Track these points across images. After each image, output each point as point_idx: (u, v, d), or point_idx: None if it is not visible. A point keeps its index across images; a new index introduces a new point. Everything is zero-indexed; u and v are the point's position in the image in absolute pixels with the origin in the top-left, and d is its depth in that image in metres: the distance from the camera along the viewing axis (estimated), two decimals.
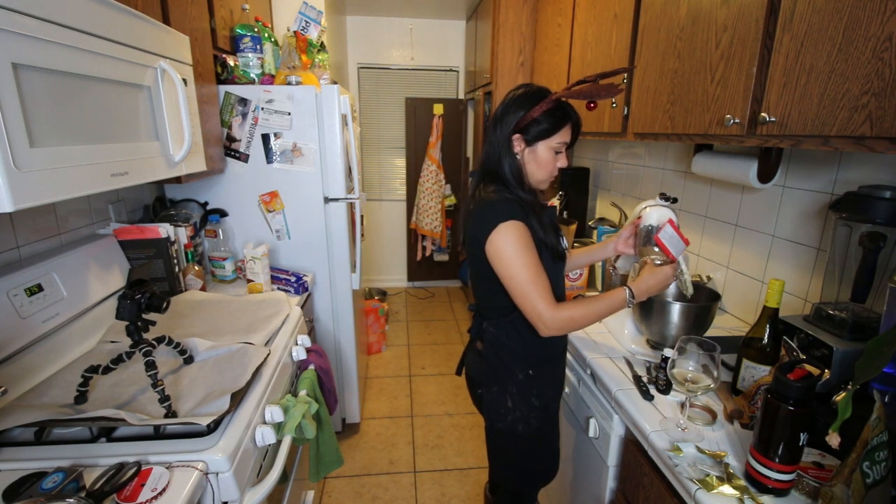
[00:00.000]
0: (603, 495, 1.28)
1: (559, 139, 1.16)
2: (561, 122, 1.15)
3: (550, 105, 1.13)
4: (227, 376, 1.15)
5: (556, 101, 1.14)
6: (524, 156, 1.18)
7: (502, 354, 1.24)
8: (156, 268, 1.67)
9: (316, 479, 1.49)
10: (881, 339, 0.76)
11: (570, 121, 1.17)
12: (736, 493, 0.86)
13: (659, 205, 1.35)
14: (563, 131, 1.16)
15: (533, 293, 1.10)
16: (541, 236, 1.15)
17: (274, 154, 2.02)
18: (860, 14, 0.81)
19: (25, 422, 0.92)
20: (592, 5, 1.91)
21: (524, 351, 1.23)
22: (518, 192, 1.17)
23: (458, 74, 4.29)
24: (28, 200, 0.80)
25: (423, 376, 3.09)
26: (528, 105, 1.15)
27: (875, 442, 0.75)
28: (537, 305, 1.10)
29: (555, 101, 1.14)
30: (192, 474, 0.88)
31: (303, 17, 2.22)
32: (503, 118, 1.17)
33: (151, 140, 1.19)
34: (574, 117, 1.18)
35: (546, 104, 1.13)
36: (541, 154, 1.17)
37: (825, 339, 1.03)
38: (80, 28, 0.92)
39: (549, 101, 1.13)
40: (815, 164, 1.30)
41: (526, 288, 1.11)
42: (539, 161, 1.18)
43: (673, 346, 1.24)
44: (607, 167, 2.55)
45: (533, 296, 1.10)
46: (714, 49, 1.18)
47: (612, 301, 1.15)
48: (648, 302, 1.32)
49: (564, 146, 1.18)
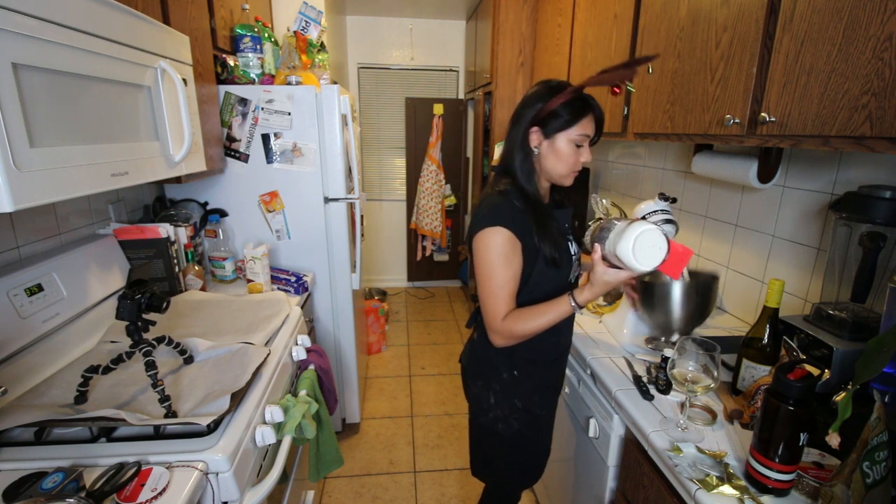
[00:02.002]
0: (603, 495, 1.28)
1: (579, 131, 1.12)
2: (580, 112, 1.11)
3: (570, 96, 1.10)
4: (227, 376, 1.15)
5: (576, 92, 1.11)
6: (542, 149, 1.15)
7: (490, 351, 1.23)
8: (156, 268, 1.67)
9: (316, 479, 1.49)
10: (881, 339, 0.76)
11: (592, 112, 1.13)
12: (736, 493, 0.86)
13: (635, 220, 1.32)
14: (583, 122, 1.12)
15: (489, 301, 1.12)
16: (532, 243, 1.13)
17: (274, 154, 2.02)
18: (860, 14, 0.81)
19: (25, 422, 0.92)
20: (592, 5, 1.91)
21: (511, 350, 1.21)
22: (527, 187, 1.15)
23: (458, 74, 4.29)
24: (28, 200, 0.80)
25: (423, 376, 3.09)
26: (546, 98, 1.12)
27: (875, 442, 0.75)
28: (488, 314, 1.13)
29: (574, 91, 1.11)
30: (192, 474, 0.88)
31: (303, 17, 2.22)
32: (521, 113, 1.15)
33: (151, 140, 1.19)
34: (597, 109, 1.14)
35: (565, 95, 1.10)
36: (560, 147, 1.13)
37: (825, 339, 1.03)
38: (80, 28, 0.92)
39: (568, 92, 1.10)
40: (815, 164, 1.30)
41: (486, 295, 1.13)
42: (559, 154, 1.14)
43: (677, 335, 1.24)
44: (607, 167, 2.55)
45: (488, 303, 1.13)
46: (714, 49, 1.18)
47: (559, 308, 1.11)
48: (649, 287, 1.27)
49: (587, 139, 1.14)
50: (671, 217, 1.44)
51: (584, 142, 1.14)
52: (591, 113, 1.13)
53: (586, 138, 1.13)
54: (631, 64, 1.10)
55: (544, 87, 1.15)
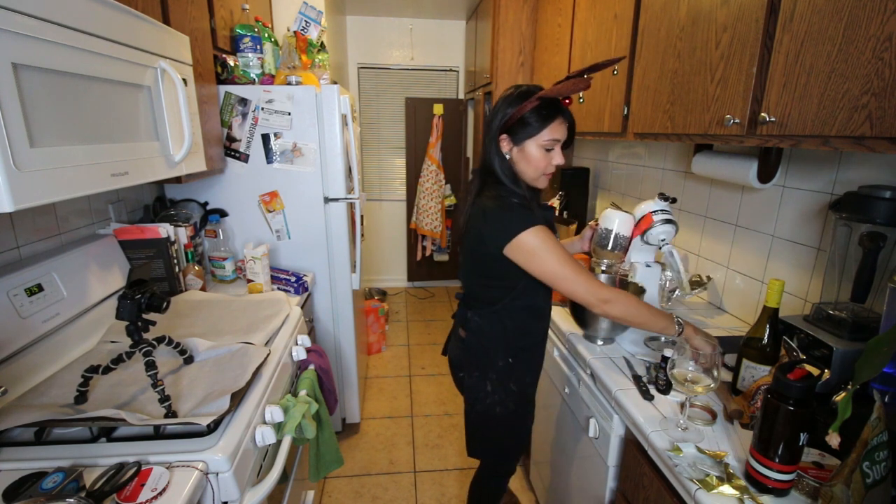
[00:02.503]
0: (603, 495, 1.28)
1: (549, 136, 1.16)
2: (548, 118, 1.15)
3: (536, 103, 1.14)
4: (227, 376, 1.15)
5: (543, 99, 1.14)
6: (513, 155, 1.21)
7: (485, 343, 1.31)
8: (156, 268, 1.67)
9: (316, 479, 1.49)
10: (881, 339, 0.76)
11: (562, 116, 1.17)
12: (736, 493, 0.86)
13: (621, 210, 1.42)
14: (552, 127, 1.15)
15: (580, 284, 1.14)
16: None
17: (274, 154, 2.02)
18: (860, 14, 0.81)
19: (25, 422, 0.92)
20: (592, 5, 1.91)
21: (505, 340, 1.29)
22: (515, 189, 1.20)
23: (458, 74, 4.29)
24: (28, 200, 0.80)
25: (423, 376, 3.09)
26: (514, 105, 1.16)
27: (875, 442, 0.75)
28: (589, 294, 1.14)
29: (540, 98, 1.14)
30: (192, 474, 0.88)
31: (303, 17, 2.22)
32: (491, 120, 1.20)
33: (151, 140, 1.19)
34: (566, 113, 1.18)
35: (531, 103, 1.14)
36: (529, 152, 1.18)
37: (825, 339, 1.03)
38: (80, 28, 0.92)
39: (534, 100, 1.14)
40: (815, 164, 1.30)
41: (573, 283, 1.14)
42: (528, 159, 1.19)
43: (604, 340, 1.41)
44: (607, 167, 2.55)
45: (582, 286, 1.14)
46: (714, 49, 1.18)
47: (663, 321, 1.17)
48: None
49: (557, 143, 1.18)
50: (671, 217, 1.44)
51: (555, 146, 1.17)
52: (561, 117, 1.16)
53: (556, 143, 1.17)
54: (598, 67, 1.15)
55: (513, 94, 1.18)
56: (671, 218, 1.44)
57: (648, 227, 1.43)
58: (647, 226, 1.44)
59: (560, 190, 2.61)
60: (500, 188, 1.21)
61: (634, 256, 1.53)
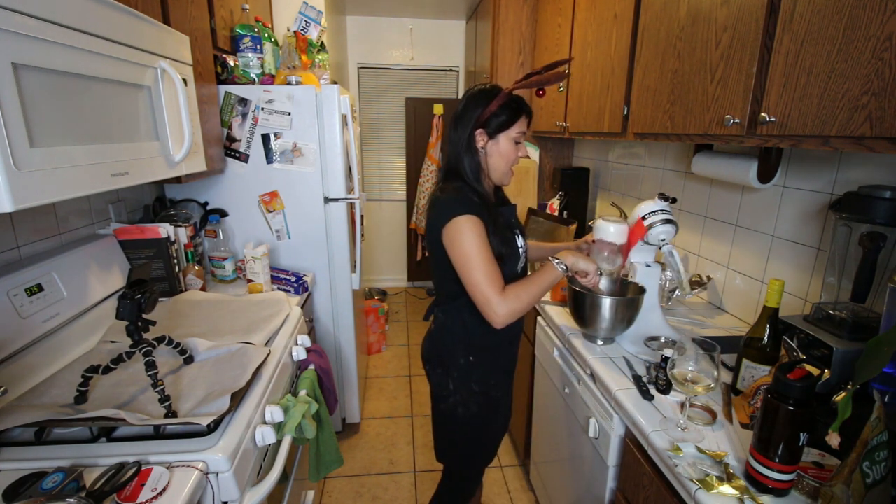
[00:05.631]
0: (603, 495, 1.28)
1: (517, 129, 1.25)
2: (517, 112, 1.24)
3: (505, 98, 1.22)
4: (227, 376, 1.15)
5: (510, 95, 1.23)
6: (488, 148, 1.26)
7: (446, 339, 1.33)
8: (156, 268, 1.67)
9: (316, 478, 1.49)
10: (881, 339, 0.76)
11: (525, 111, 1.26)
12: (736, 493, 0.86)
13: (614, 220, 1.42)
14: (520, 121, 1.25)
15: (482, 285, 1.15)
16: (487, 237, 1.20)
17: (274, 154, 2.02)
18: (860, 14, 0.81)
19: (25, 422, 0.92)
20: (592, 5, 1.91)
21: (466, 338, 1.30)
22: (476, 187, 1.25)
23: (458, 74, 4.29)
24: (28, 200, 0.80)
25: (423, 376, 3.09)
26: (485, 101, 1.23)
27: (875, 442, 0.75)
28: (484, 296, 1.15)
29: (508, 94, 1.23)
30: (192, 474, 0.88)
31: (303, 17, 2.22)
32: (463, 116, 1.25)
33: (151, 140, 1.19)
34: (526, 108, 1.27)
35: (501, 98, 1.22)
36: (503, 145, 1.25)
37: (825, 339, 1.03)
38: (80, 28, 0.92)
39: (503, 96, 1.22)
40: (815, 164, 1.30)
41: (476, 280, 1.15)
42: (502, 151, 1.26)
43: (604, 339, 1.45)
44: (607, 167, 2.55)
45: (481, 287, 1.15)
46: (714, 49, 1.18)
47: (549, 274, 1.21)
48: (580, 296, 1.41)
49: (523, 136, 1.27)
50: (671, 217, 1.44)
51: (521, 138, 1.27)
52: (523, 111, 1.25)
53: (523, 135, 1.27)
54: (551, 67, 1.26)
55: (481, 92, 1.25)
56: (671, 218, 1.44)
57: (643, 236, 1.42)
58: (642, 234, 1.42)
59: (560, 190, 2.61)
60: (462, 184, 1.25)
61: (634, 256, 1.52)
